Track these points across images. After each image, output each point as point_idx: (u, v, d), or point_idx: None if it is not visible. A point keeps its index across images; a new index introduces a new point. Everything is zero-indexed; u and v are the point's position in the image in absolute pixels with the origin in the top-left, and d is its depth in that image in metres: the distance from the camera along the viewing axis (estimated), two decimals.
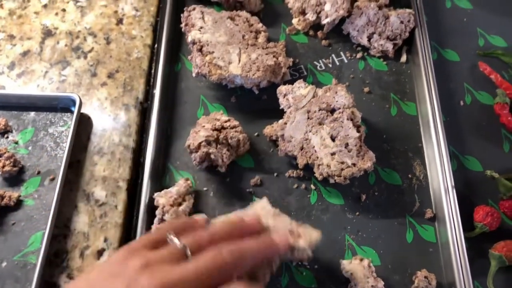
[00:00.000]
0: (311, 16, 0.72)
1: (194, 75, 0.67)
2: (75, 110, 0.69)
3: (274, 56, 0.68)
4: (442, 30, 0.76)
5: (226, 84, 0.68)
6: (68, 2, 0.82)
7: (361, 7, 0.71)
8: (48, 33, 0.79)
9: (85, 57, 0.77)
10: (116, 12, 0.81)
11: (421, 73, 0.70)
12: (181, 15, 0.73)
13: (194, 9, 0.72)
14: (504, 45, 0.75)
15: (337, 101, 0.61)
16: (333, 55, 0.74)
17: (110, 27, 0.79)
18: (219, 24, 0.70)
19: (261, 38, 0.70)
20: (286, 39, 0.76)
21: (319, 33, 0.75)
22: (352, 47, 0.74)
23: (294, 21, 0.75)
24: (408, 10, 0.73)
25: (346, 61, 0.74)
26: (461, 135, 0.68)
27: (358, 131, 0.60)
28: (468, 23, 0.77)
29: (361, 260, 0.56)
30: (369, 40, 0.72)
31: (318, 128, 0.60)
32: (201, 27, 0.69)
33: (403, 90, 0.71)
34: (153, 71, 0.75)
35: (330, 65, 0.73)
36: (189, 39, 0.69)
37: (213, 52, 0.66)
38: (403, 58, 0.73)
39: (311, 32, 0.76)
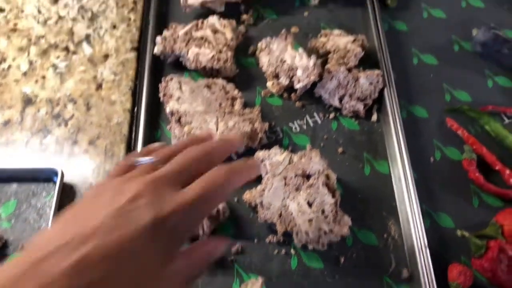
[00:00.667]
0: (284, 81, 0.75)
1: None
2: (57, 181, 0.70)
3: (250, 123, 0.70)
4: (411, 87, 0.80)
5: None
6: (47, 69, 0.84)
7: (331, 71, 0.74)
8: (28, 101, 0.80)
9: (66, 125, 0.78)
10: (95, 77, 0.83)
11: (391, 132, 0.73)
12: (159, 84, 0.75)
13: (171, 79, 0.74)
14: (469, 99, 0.79)
15: (312, 167, 0.64)
16: (307, 116, 0.77)
17: (89, 93, 0.81)
18: (196, 93, 0.72)
19: (237, 105, 0.72)
20: (262, 102, 0.78)
21: (293, 95, 0.78)
22: (325, 107, 0.77)
23: (269, 84, 0.78)
24: (376, 72, 0.76)
25: (319, 122, 0.76)
26: (433, 192, 0.71)
27: (333, 195, 0.63)
28: (435, 79, 0.81)
29: None
30: (340, 101, 0.75)
31: (295, 195, 0.62)
32: (179, 97, 0.71)
33: (375, 149, 0.74)
34: (133, 135, 0.77)
35: (305, 127, 0.76)
36: (168, 110, 0.71)
37: (191, 122, 0.69)
38: (374, 117, 0.76)
39: (285, 95, 0.78)
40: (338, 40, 0.77)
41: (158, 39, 0.79)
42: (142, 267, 0.36)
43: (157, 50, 0.79)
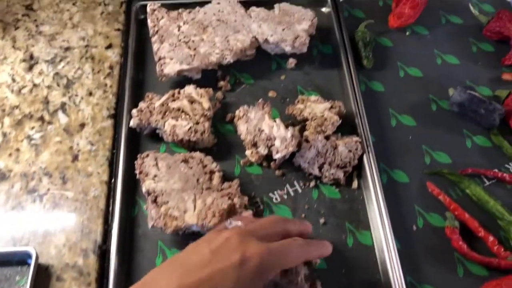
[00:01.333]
0: (263, 150, 0.74)
1: (150, 227, 0.67)
2: (32, 264, 0.68)
3: (229, 198, 0.69)
4: (390, 150, 0.79)
5: None
6: (22, 141, 0.82)
7: (310, 140, 0.73)
8: (1, 176, 0.78)
9: (41, 201, 0.76)
10: (71, 148, 0.81)
11: (373, 199, 0.73)
12: (135, 161, 0.73)
13: (147, 155, 0.73)
14: (449, 161, 0.79)
15: None
16: (287, 185, 0.76)
17: (65, 165, 0.80)
18: (173, 169, 0.71)
19: (215, 179, 0.71)
20: (241, 170, 0.77)
21: (272, 164, 0.77)
22: (305, 175, 0.77)
23: (247, 153, 0.77)
24: (354, 139, 0.76)
25: (300, 191, 0.75)
26: (417, 262, 0.69)
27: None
28: (414, 140, 0.81)
29: None
30: (320, 170, 0.74)
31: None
32: (155, 175, 0.70)
33: (357, 218, 0.73)
34: (110, 208, 0.75)
35: (285, 197, 0.75)
36: (144, 189, 0.70)
37: (167, 201, 0.67)
38: (355, 184, 0.76)
39: (264, 163, 0.77)
40: (315, 107, 0.77)
41: (134, 111, 0.78)
42: None
43: (133, 123, 0.78)
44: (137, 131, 0.80)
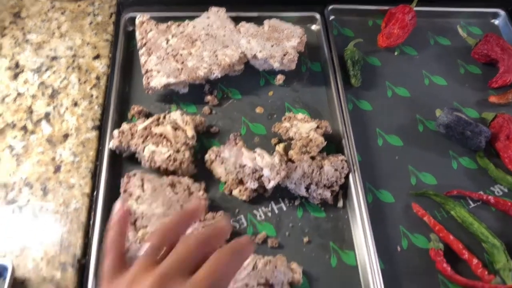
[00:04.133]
0: (252, 185, 0.72)
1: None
2: (8, 278, 0.66)
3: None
4: (376, 170, 0.79)
5: None
6: (3, 150, 0.80)
7: (295, 160, 0.73)
8: None
9: (20, 212, 0.74)
10: (53, 159, 0.80)
11: (357, 219, 0.72)
12: (121, 179, 0.72)
13: (134, 175, 0.72)
14: (434, 182, 0.79)
15: (276, 277, 0.61)
16: (272, 203, 0.75)
17: (47, 176, 0.78)
18: (158, 192, 0.69)
19: None
20: (224, 192, 0.76)
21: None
22: (290, 193, 0.76)
23: (235, 192, 0.74)
24: (340, 157, 0.75)
25: (285, 208, 0.75)
26: (401, 284, 0.69)
27: None
28: (400, 161, 0.81)
29: None
30: (307, 190, 0.73)
31: None
32: (139, 197, 0.68)
33: (341, 238, 0.72)
34: (91, 222, 0.74)
35: (270, 214, 0.74)
36: None
37: (146, 226, 0.66)
38: (340, 203, 0.75)
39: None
40: (301, 127, 0.76)
41: (115, 132, 0.76)
42: None
43: (112, 145, 0.76)
44: (116, 153, 0.79)
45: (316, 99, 0.87)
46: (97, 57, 0.92)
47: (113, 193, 0.75)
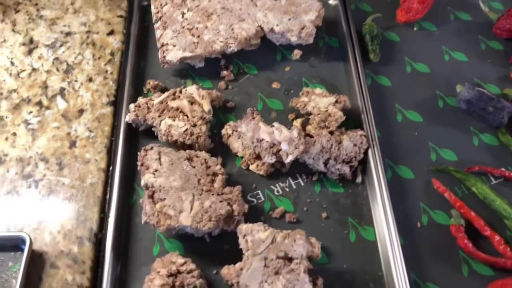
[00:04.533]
0: (270, 159, 0.71)
1: (142, 222, 0.65)
2: (25, 250, 0.66)
3: (228, 204, 0.66)
4: (395, 146, 0.78)
5: None
6: (19, 125, 0.80)
7: (313, 135, 0.71)
8: None
9: (36, 186, 0.74)
10: (69, 134, 0.79)
11: (377, 194, 0.71)
12: (138, 153, 0.71)
13: (151, 148, 0.71)
14: (454, 159, 0.77)
15: (295, 250, 0.60)
16: (289, 178, 0.74)
17: (62, 151, 0.78)
18: (176, 166, 0.69)
19: (218, 183, 0.69)
20: (241, 167, 0.75)
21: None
22: (308, 168, 0.75)
23: (252, 167, 0.74)
24: (359, 132, 0.74)
25: (302, 183, 0.74)
26: (421, 260, 0.68)
27: (315, 284, 0.59)
28: (420, 137, 0.79)
29: None
30: (325, 165, 0.72)
31: (274, 279, 0.58)
32: (156, 170, 0.68)
33: (360, 213, 0.71)
34: (107, 197, 0.73)
35: (287, 189, 0.73)
36: (142, 182, 0.68)
37: (164, 199, 0.65)
38: (359, 179, 0.74)
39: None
40: (319, 101, 0.75)
41: (132, 106, 0.76)
42: None
43: (128, 118, 0.75)
44: (133, 126, 0.78)
45: (334, 75, 0.86)
46: (111, 33, 0.91)
47: (129, 168, 0.74)
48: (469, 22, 0.95)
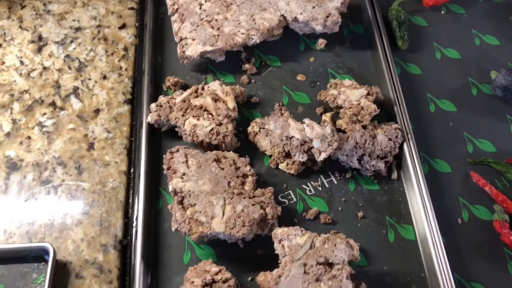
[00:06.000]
0: (301, 157, 0.67)
1: (173, 230, 0.62)
2: (50, 261, 0.63)
3: (261, 207, 0.63)
4: (430, 139, 0.74)
5: None
6: (33, 128, 0.76)
7: (346, 130, 0.68)
8: (13, 166, 0.73)
9: (56, 192, 0.71)
10: (86, 135, 0.76)
11: (415, 190, 0.68)
12: (164, 156, 0.68)
13: (177, 151, 0.67)
14: (493, 150, 0.74)
15: (335, 255, 0.57)
16: (321, 176, 0.71)
17: (80, 154, 0.74)
18: (204, 168, 0.65)
19: (248, 184, 0.65)
20: (270, 166, 0.72)
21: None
22: (340, 165, 0.71)
23: (282, 166, 0.70)
24: (394, 126, 0.70)
25: (335, 182, 0.70)
26: (464, 259, 0.65)
27: None
28: (454, 127, 0.76)
29: None
30: (359, 162, 0.69)
31: (315, 286, 0.55)
32: (184, 174, 0.64)
33: (398, 211, 0.68)
34: (130, 200, 0.70)
35: (320, 188, 0.70)
36: (170, 188, 0.64)
37: (195, 204, 0.61)
38: (394, 175, 0.71)
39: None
40: (350, 94, 0.71)
41: (153, 106, 0.72)
42: None
43: (150, 119, 0.72)
44: (155, 127, 0.74)
45: (361, 64, 0.82)
46: (123, 26, 0.87)
47: (153, 170, 0.71)
48: (499, 3, 0.91)
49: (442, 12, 0.89)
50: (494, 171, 0.72)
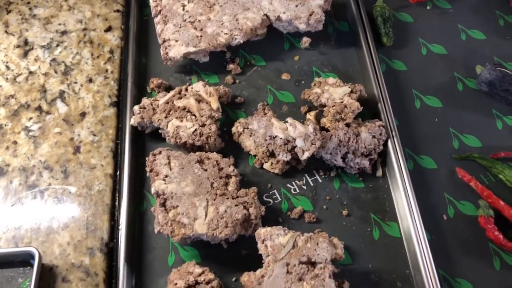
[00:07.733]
0: (285, 157, 0.67)
1: (156, 232, 0.62)
2: (35, 265, 0.63)
3: (244, 207, 0.63)
4: (415, 135, 0.74)
5: None
6: (19, 133, 0.76)
7: (329, 129, 0.68)
8: None
9: (42, 197, 0.71)
10: (72, 139, 0.76)
11: (399, 187, 0.67)
12: (146, 158, 0.68)
13: (160, 152, 0.67)
14: (479, 145, 0.73)
15: (318, 254, 0.57)
16: (306, 175, 0.70)
17: (67, 158, 0.74)
18: (186, 170, 0.65)
19: (232, 185, 0.65)
20: (254, 166, 0.72)
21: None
22: (325, 164, 0.71)
23: (267, 166, 0.70)
24: (378, 123, 0.70)
25: (320, 180, 0.70)
26: (449, 255, 0.64)
27: None
28: (440, 123, 0.75)
29: None
30: (344, 160, 0.68)
31: (298, 286, 0.55)
32: (166, 176, 0.64)
33: (383, 208, 0.68)
34: (116, 203, 0.70)
35: (305, 187, 0.70)
36: (153, 190, 0.64)
37: (177, 206, 0.61)
38: (379, 172, 0.70)
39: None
40: (333, 92, 0.71)
41: (136, 108, 0.72)
42: None
43: (133, 121, 0.72)
44: (139, 130, 0.74)
45: (346, 62, 0.81)
46: (109, 29, 0.87)
47: (137, 173, 0.71)
48: None
49: (428, 7, 0.89)
50: (479, 166, 0.72)
